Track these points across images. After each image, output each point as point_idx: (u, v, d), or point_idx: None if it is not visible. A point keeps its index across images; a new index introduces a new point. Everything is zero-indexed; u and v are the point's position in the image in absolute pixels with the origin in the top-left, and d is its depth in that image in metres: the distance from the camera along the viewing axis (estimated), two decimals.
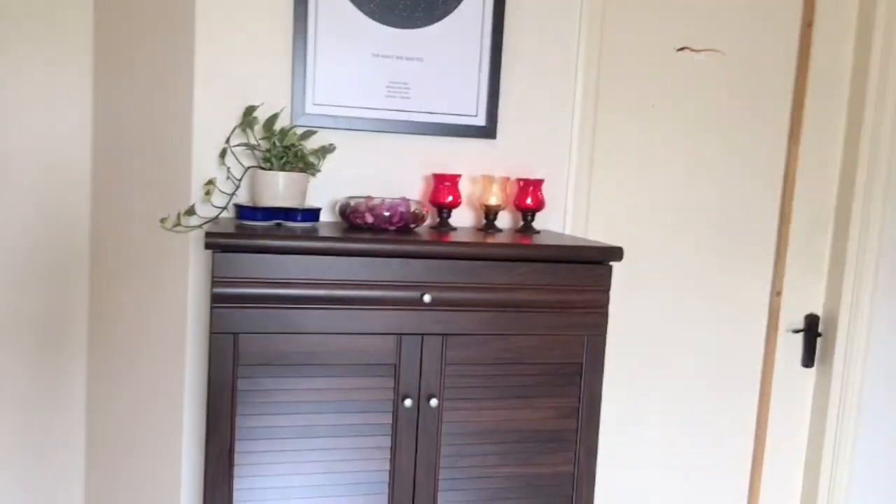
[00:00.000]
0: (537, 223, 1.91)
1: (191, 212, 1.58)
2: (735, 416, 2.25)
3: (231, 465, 1.41)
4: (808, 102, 2.17)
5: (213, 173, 1.65)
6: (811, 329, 2.27)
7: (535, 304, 1.52)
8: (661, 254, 2.12)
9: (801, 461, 2.32)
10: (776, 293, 2.23)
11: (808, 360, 2.28)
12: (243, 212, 1.55)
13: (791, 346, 2.27)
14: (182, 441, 1.73)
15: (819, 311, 2.28)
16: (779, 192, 2.20)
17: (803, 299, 2.27)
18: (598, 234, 2.04)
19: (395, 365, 1.47)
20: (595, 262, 1.54)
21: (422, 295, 1.46)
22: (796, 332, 2.27)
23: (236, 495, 1.41)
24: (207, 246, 1.32)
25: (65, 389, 2.12)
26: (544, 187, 1.87)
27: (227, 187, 1.64)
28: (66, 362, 2.10)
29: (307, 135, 1.64)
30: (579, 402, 1.59)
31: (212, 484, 1.40)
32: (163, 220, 1.56)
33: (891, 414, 2.27)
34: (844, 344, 2.22)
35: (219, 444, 1.39)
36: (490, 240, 1.56)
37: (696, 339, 2.18)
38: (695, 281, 2.16)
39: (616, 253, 1.54)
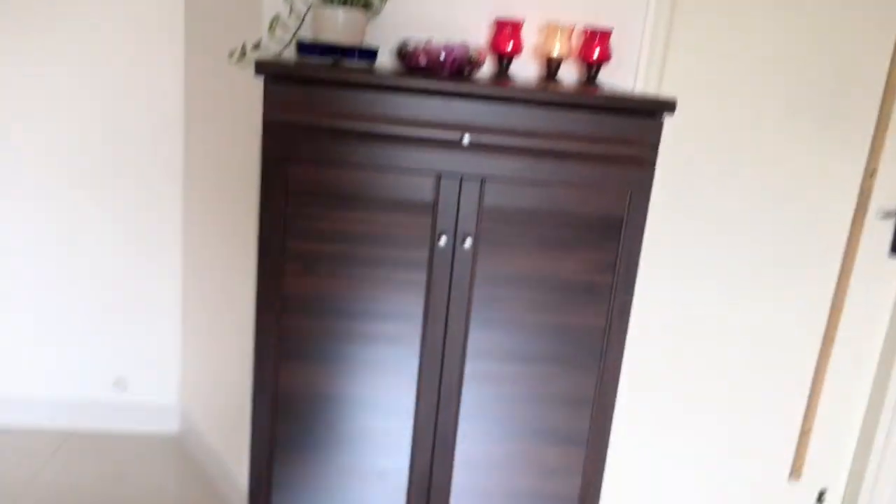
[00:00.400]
0: (606, 79, 1.85)
1: (257, 45, 1.64)
2: (808, 304, 2.16)
3: (280, 282, 1.54)
4: None
5: (281, 9, 1.70)
6: None
7: (578, 154, 1.51)
8: (745, 119, 2.00)
9: (874, 355, 2.23)
10: (870, 173, 2.06)
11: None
12: (303, 47, 1.60)
13: (880, 232, 2.13)
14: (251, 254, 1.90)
15: None
16: (887, 60, 1.98)
17: None
18: (673, 93, 1.94)
19: (433, 204, 1.52)
20: (645, 114, 1.49)
21: (462, 136, 1.48)
22: (888, 216, 2.11)
23: (283, 311, 1.56)
24: (257, 72, 1.39)
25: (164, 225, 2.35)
26: (615, 39, 1.79)
27: (293, 24, 1.69)
28: (164, 200, 2.32)
29: None
30: (617, 257, 1.59)
31: (263, 296, 1.54)
32: (231, 54, 1.64)
33: None
34: None
35: (270, 263, 1.53)
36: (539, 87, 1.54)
37: (774, 217, 2.08)
38: (780, 152, 2.03)
39: (668, 105, 1.48)
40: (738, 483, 2.29)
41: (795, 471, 2.29)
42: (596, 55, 1.73)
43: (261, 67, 1.38)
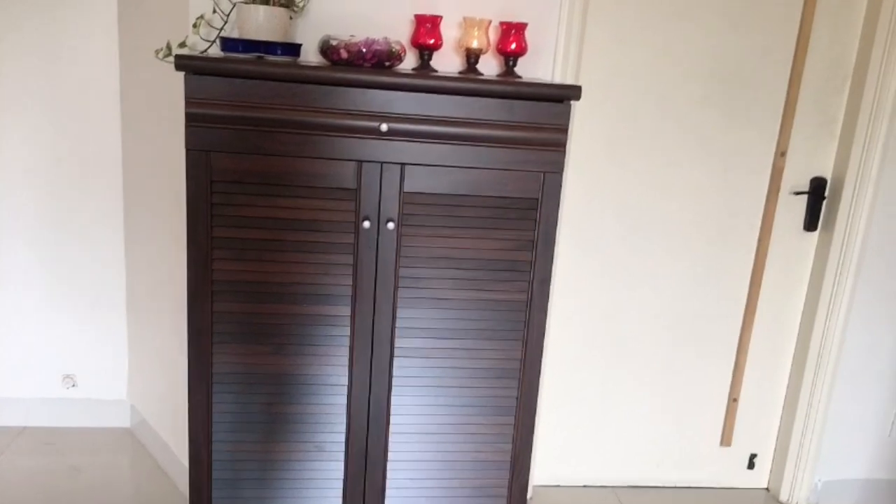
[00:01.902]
0: (525, 71, 1.94)
1: (182, 44, 1.70)
2: (729, 278, 2.28)
3: (210, 270, 1.60)
4: None
5: (206, 9, 1.76)
6: (816, 192, 2.23)
7: (492, 139, 1.60)
8: (662, 106, 2.11)
9: (794, 325, 2.35)
10: (780, 153, 2.19)
11: (810, 224, 2.26)
12: (226, 44, 1.66)
13: (793, 208, 2.25)
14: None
15: (827, 175, 2.23)
16: (792, 44, 2.11)
17: (810, 161, 2.22)
18: (591, 83, 2.05)
19: (356, 190, 1.60)
20: (552, 99, 1.59)
21: (379, 125, 1.56)
22: (799, 194, 2.24)
23: (214, 297, 1.62)
24: (177, 67, 1.45)
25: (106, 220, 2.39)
26: (532, 32, 1.89)
27: (217, 23, 1.75)
28: (105, 196, 2.36)
29: None
30: (534, 235, 1.68)
31: (194, 283, 1.60)
32: (157, 52, 1.70)
33: (890, 279, 2.25)
34: (849, 206, 2.18)
35: (198, 251, 1.59)
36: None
37: (694, 195, 2.20)
38: (696, 135, 2.15)
39: (574, 91, 1.58)
40: (672, 450, 2.40)
41: (725, 438, 2.41)
42: (513, 47, 1.82)
43: (181, 62, 1.45)
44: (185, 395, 2.13)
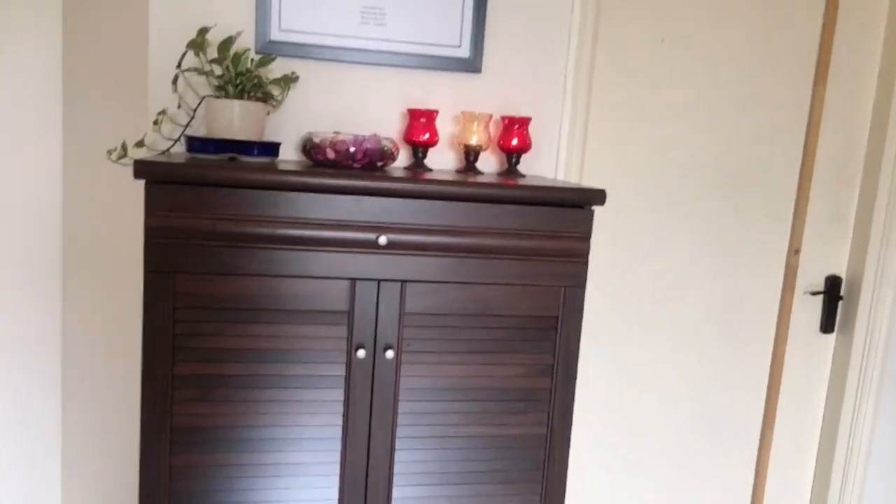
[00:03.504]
0: (527, 167, 1.76)
1: (140, 143, 1.47)
2: (744, 384, 2.09)
3: (169, 413, 1.31)
4: (838, 37, 1.95)
5: (169, 103, 1.53)
6: (832, 291, 2.08)
7: (505, 250, 1.38)
8: (667, 205, 1.94)
9: (815, 433, 2.16)
10: (794, 251, 2.04)
11: (827, 326, 2.10)
12: (194, 144, 1.43)
13: (809, 309, 2.09)
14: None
15: (842, 273, 2.09)
16: (801, 140, 1.99)
17: (824, 259, 2.07)
18: (595, 180, 1.88)
19: (349, 312, 1.35)
20: (574, 205, 1.39)
21: (377, 237, 1.33)
22: (815, 294, 2.08)
23: (173, 448, 1.32)
24: (136, 174, 1.20)
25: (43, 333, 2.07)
26: (534, 128, 1.71)
27: (182, 118, 1.53)
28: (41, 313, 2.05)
29: (266, 61, 1.50)
30: (554, 359, 1.45)
31: (148, 432, 1.31)
32: (110, 152, 1.45)
33: None
34: (868, 308, 2.03)
35: (155, 390, 1.30)
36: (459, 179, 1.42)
37: (704, 300, 2.02)
38: (705, 236, 1.98)
39: (597, 195, 1.39)
40: None
41: None
42: (515, 143, 1.64)
43: (140, 168, 1.20)
44: None
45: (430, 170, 1.62)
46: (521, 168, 1.71)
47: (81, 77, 1.78)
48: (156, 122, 1.45)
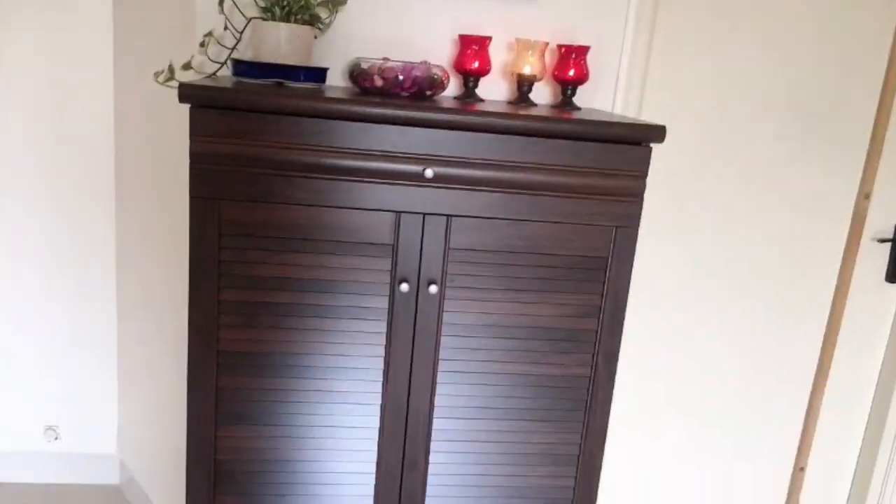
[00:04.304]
0: (583, 100, 1.68)
1: (187, 66, 1.44)
2: (801, 333, 2.01)
3: (216, 338, 1.33)
4: None
5: (216, 25, 1.50)
6: None
7: (556, 187, 1.33)
8: (730, 141, 1.84)
9: (871, 385, 2.08)
10: (864, 195, 1.92)
11: (894, 275, 1.99)
12: (240, 67, 1.40)
13: (876, 256, 1.99)
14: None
15: None
16: (881, 75, 1.85)
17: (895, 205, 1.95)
18: (654, 115, 1.78)
19: (393, 246, 1.33)
20: (630, 141, 1.32)
21: (423, 169, 1.29)
22: (883, 241, 1.97)
23: (220, 370, 1.35)
24: (181, 98, 1.18)
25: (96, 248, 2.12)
26: (592, 58, 1.63)
27: (228, 41, 1.49)
28: (95, 230, 2.09)
29: None
30: (602, 300, 1.41)
31: (196, 354, 1.33)
32: (157, 74, 1.44)
33: None
34: None
35: (202, 315, 1.32)
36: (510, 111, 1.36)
37: (763, 243, 1.93)
38: (769, 179, 1.88)
39: (657, 132, 1.31)
40: None
41: None
42: (572, 74, 1.56)
43: (185, 92, 1.18)
44: (181, 450, 1.85)
45: (482, 100, 1.56)
46: (576, 100, 1.64)
47: None
48: (202, 45, 1.42)
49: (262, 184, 1.27)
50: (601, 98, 1.69)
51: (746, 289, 1.96)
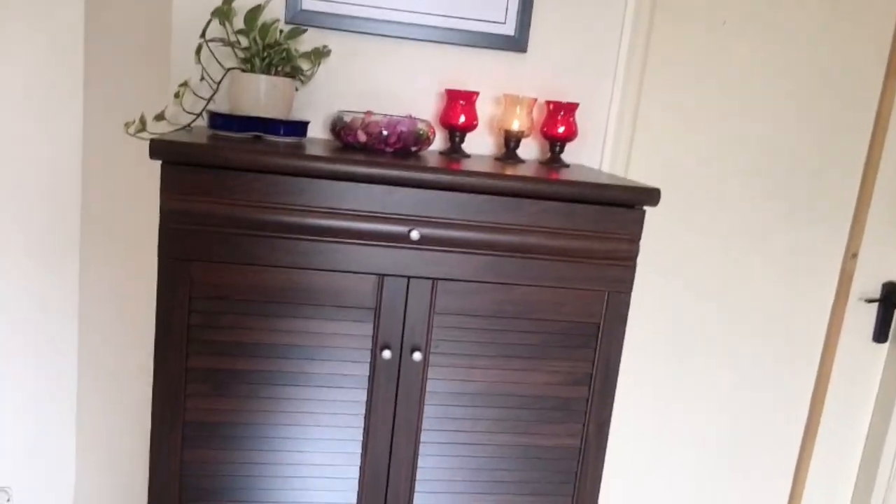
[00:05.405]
0: (571, 155, 1.64)
1: (160, 117, 1.37)
2: (787, 394, 1.97)
3: (182, 407, 1.24)
4: None
5: (192, 74, 1.43)
6: (888, 299, 1.94)
7: (547, 250, 1.27)
8: (717, 200, 1.81)
9: (858, 447, 2.04)
10: (851, 255, 1.90)
11: (881, 335, 1.97)
12: (216, 120, 1.33)
13: (862, 317, 1.96)
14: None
15: None
16: (867, 137, 1.84)
17: (883, 265, 1.93)
18: (641, 173, 1.75)
19: (375, 310, 1.26)
20: (624, 204, 1.27)
21: (409, 231, 1.22)
22: (870, 301, 1.95)
23: (185, 443, 1.25)
24: (152, 154, 1.11)
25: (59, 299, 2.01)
26: (581, 114, 1.59)
27: (206, 91, 1.43)
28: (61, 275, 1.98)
29: (296, 33, 1.39)
30: (593, 368, 1.35)
31: (159, 425, 1.24)
32: (128, 125, 1.36)
33: None
34: None
35: (168, 383, 1.23)
36: (499, 171, 1.31)
37: (750, 302, 1.89)
38: (755, 238, 1.85)
39: (651, 195, 1.27)
40: None
41: None
42: (561, 131, 1.52)
43: (157, 147, 1.11)
44: None
45: (468, 155, 1.51)
46: (564, 157, 1.60)
47: (104, 44, 1.69)
48: (177, 95, 1.35)
49: (237, 244, 1.19)
50: (588, 154, 1.65)
51: (734, 348, 1.91)
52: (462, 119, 1.49)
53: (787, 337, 1.93)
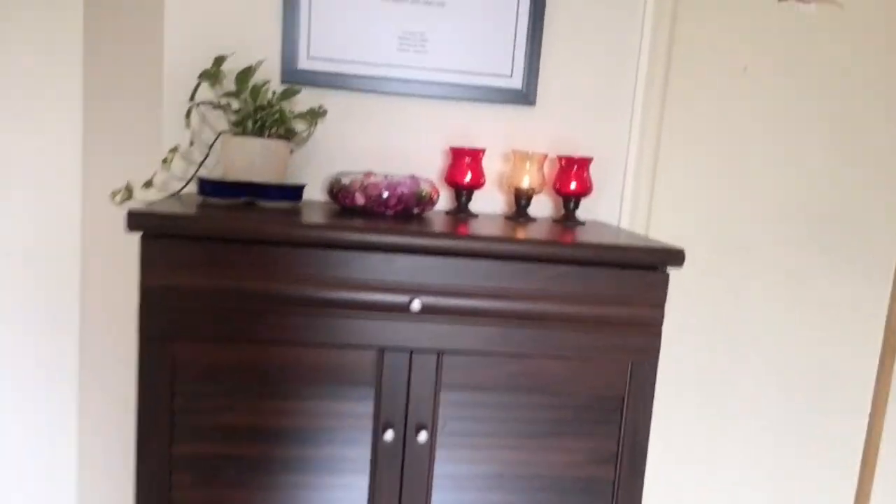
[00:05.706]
0: (586, 213, 1.54)
1: (148, 184, 1.30)
2: (834, 456, 1.81)
3: (166, 499, 1.13)
4: None
5: (182, 140, 1.37)
6: None
7: (563, 317, 1.16)
8: (747, 261, 1.70)
9: None
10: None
11: None
12: (206, 187, 1.26)
13: None
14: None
15: None
16: None
17: None
18: (663, 229, 1.64)
19: (376, 387, 1.15)
20: (647, 267, 1.17)
21: (410, 300, 1.12)
22: None
23: None
24: (129, 226, 1.03)
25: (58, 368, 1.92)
26: (596, 169, 1.50)
27: (197, 156, 1.36)
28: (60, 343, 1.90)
29: (289, 94, 1.33)
30: (619, 445, 1.22)
31: None
32: (114, 194, 1.29)
33: None
34: None
35: (150, 473, 1.12)
36: (508, 232, 1.21)
37: (788, 368, 1.75)
38: (792, 295, 1.72)
39: (676, 256, 1.16)
40: None
41: None
42: (574, 187, 1.43)
43: (134, 220, 1.03)
44: None
45: (475, 215, 1.42)
46: (579, 214, 1.50)
47: (101, 110, 1.64)
48: (165, 161, 1.28)
49: (225, 320, 1.10)
50: (606, 209, 1.55)
51: (770, 418, 1.76)
52: (468, 177, 1.41)
53: (832, 402, 1.78)
